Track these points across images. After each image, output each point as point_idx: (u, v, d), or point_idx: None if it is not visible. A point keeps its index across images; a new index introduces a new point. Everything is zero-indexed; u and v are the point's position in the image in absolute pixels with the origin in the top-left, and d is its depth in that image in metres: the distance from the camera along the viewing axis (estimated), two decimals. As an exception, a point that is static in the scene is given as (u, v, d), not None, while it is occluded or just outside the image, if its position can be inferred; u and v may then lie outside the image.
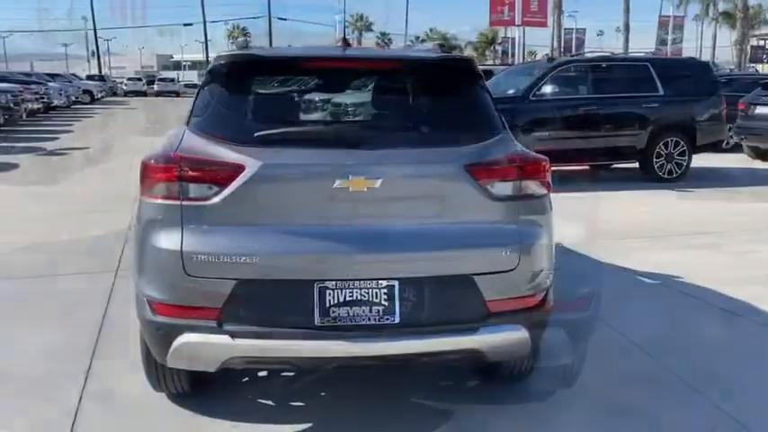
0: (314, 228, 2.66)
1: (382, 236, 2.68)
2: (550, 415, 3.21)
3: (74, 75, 44.09)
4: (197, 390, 3.27)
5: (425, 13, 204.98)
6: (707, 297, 4.83)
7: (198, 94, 2.97)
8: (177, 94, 50.99)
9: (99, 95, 40.15)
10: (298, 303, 2.62)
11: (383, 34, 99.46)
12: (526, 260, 2.77)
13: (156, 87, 51.45)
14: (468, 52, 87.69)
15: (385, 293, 2.64)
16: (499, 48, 57.58)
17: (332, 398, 3.37)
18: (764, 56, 57.01)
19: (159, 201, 2.69)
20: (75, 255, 5.99)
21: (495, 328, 2.72)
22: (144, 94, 50.57)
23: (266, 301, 2.62)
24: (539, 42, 65.82)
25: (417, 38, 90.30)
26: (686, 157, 10.25)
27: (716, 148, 11.00)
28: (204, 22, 72.44)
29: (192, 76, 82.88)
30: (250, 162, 2.61)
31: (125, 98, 46.73)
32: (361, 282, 2.63)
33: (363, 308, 2.63)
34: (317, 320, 2.61)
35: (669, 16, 44.56)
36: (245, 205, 2.62)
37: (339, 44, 3.54)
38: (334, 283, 2.62)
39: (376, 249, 2.65)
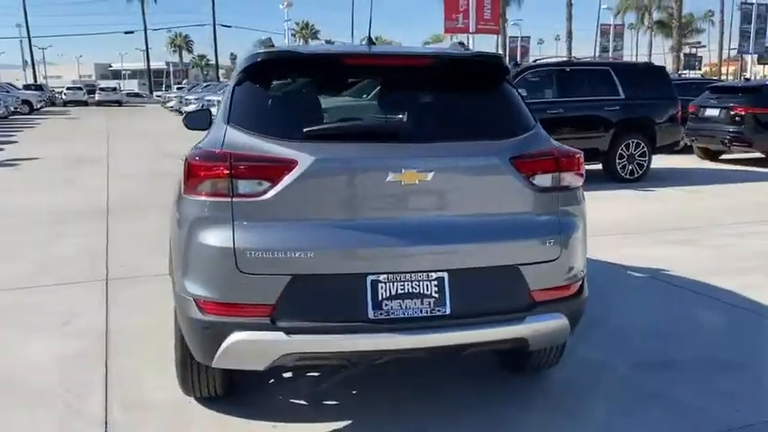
0: (366, 221, 2.66)
1: (433, 228, 2.70)
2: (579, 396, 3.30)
3: (10, 84, 42.37)
4: (227, 393, 3.22)
5: (373, 22, 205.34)
6: (697, 288, 5.03)
7: (233, 91, 2.93)
8: (119, 103, 49.67)
9: (38, 105, 38.73)
10: (351, 297, 2.62)
11: (328, 42, 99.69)
12: (566, 250, 2.85)
13: (97, 97, 49.86)
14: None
15: (435, 285, 2.67)
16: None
17: (364, 395, 3.37)
18: (696, 63, 59.67)
19: (208, 198, 2.64)
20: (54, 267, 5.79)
21: (539, 317, 2.78)
22: (85, 103, 48.98)
23: (320, 296, 2.61)
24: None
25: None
26: (646, 158, 10.63)
27: (669, 149, 11.43)
28: (145, 30, 71.21)
29: (133, 85, 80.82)
30: (303, 157, 2.59)
31: (65, 108, 45.20)
32: (413, 274, 2.65)
33: (415, 300, 2.65)
34: (370, 314, 2.61)
35: (610, 25, 46.24)
36: (298, 200, 2.61)
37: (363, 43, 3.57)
38: (386, 276, 2.63)
39: (427, 241, 2.67)
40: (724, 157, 13.69)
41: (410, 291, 2.65)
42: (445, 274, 2.67)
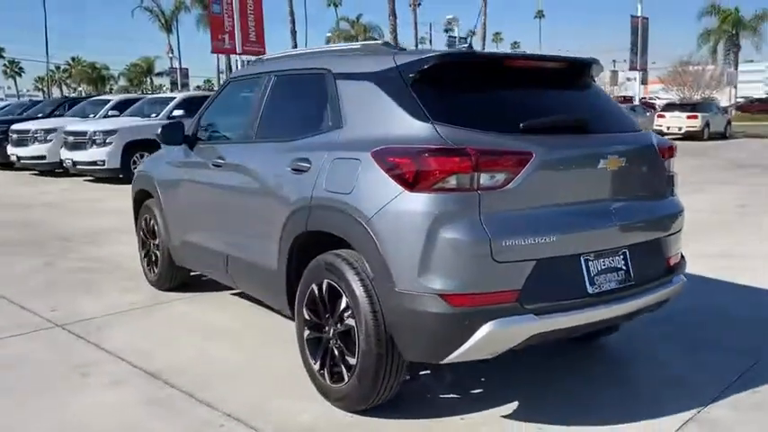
0: (583, 205, 2.98)
1: (620, 207, 3.10)
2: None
3: None
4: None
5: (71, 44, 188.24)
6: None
7: (410, 90, 2.95)
8: None
9: None
10: (574, 275, 2.89)
11: (12, 62, 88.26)
12: (683, 222, 3.46)
13: None
14: (122, 83, 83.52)
15: (622, 259, 3.06)
16: (167, 78, 56.94)
17: (497, 378, 3.55)
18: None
19: (451, 193, 2.69)
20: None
21: (676, 278, 3.35)
22: None
23: (552, 277, 2.82)
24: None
25: (58, 67, 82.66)
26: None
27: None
28: None
29: None
30: (537, 149, 2.80)
31: None
32: (609, 251, 3.01)
33: (613, 273, 3.01)
34: (589, 289, 2.91)
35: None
36: (533, 189, 2.79)
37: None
38: (593, 254, 2.95)
39: (619, 220, 3.06)
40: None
41: (608, 266, 3.01)
42: (626, 250, 3.08)
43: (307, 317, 3.33)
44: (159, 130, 4.63)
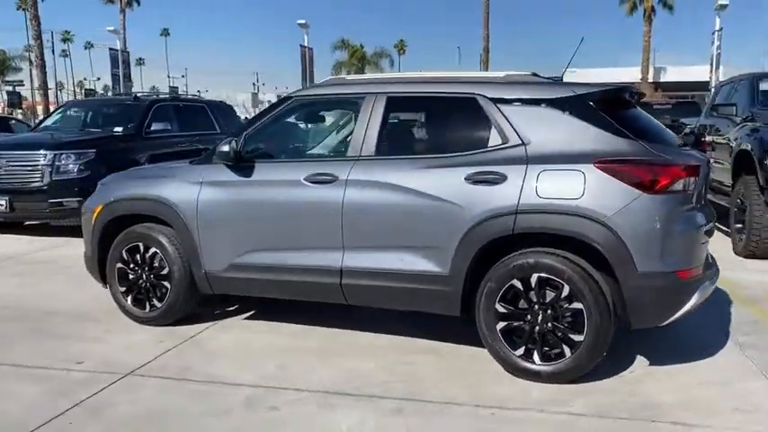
0: (699, 202, 4.06)
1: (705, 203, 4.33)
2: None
3: None
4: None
5: None
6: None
7: (603, 114, 3.70)
8: None
9: None
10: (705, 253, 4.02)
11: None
12: None
13: None
14: None
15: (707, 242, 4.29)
16: None
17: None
18: (18, 100, 58.37)
19: (677, 194, 3.60)
20: None
21: None
22: None
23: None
24: None
25: None
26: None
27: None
28: None
29: None
30: (701, 162, 3.86)
31: None
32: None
33: (707, 252, 4.22)
34: (710, 262, 4.10)
35: None
36: (693, 192, 3.78)
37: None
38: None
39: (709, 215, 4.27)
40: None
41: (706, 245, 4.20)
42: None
43: (503, 310, 3.76)
44: (222, 147, 4.30)
